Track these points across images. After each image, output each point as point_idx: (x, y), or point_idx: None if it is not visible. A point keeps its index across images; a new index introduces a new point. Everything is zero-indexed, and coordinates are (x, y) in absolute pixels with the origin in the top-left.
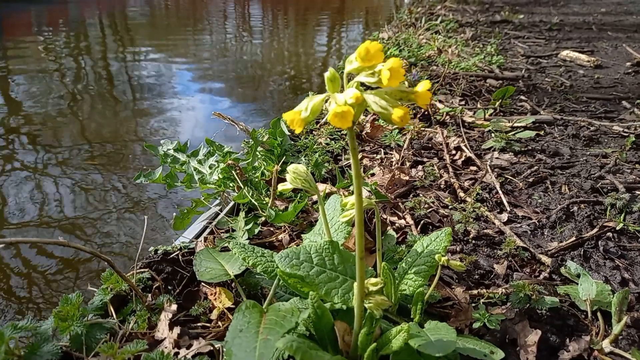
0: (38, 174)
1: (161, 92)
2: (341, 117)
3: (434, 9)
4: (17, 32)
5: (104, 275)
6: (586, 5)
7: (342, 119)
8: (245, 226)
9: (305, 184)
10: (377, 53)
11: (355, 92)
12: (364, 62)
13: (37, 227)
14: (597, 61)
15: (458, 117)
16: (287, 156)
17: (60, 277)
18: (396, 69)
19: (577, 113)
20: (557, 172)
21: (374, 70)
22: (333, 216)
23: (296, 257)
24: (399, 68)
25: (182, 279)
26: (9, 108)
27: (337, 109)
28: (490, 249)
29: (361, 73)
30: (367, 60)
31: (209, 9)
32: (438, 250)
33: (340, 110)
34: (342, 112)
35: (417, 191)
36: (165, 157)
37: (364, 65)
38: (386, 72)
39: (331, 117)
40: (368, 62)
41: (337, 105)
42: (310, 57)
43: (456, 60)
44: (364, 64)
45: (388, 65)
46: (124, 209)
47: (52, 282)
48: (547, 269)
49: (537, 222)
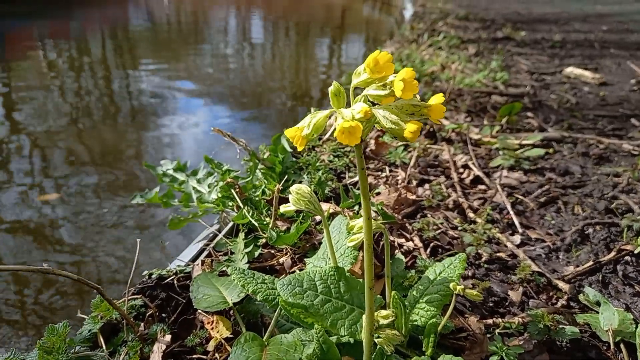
0: (34, 190)
1: (162, 108)
2: (349, 133)
3: (435, 25)
4: (19, 46)
5: (93, 302)
6: (587, 24)
7: (349, 135)
8: (245, 248)
9: (309, 206)
10: (388, 64)
11: (364, 106)
12: (374, 74)
13: (36, 249)
14: (602, 78)
15: (464, 134)
16: (288, 174)
17: (58, 300)
18: (409, 80)
19: (585, 130)
20: (568, 191)
21: (385, 82)
22: (338, 239)
23: (299, 284)
24: (412, 79)
25: (177, 305)
26: (9, 123)
27: (345, 124)
28: (504, 274)
29: (370, 86)
30: (376, 71)
31: (210, 24)
32: (452, 278)
33: (347, 126)
34: (350, 128)
35: (424, 211)
36: (164, 176)
37: (374, 77)
38: (399, 83)
39: (338, 133)
40: (378, 73)
41: (344, 120)
42: (310, 72)
43: (460, 76)
44: (374, 75)
45: (401, 76)
46: (123, 229)
47: (45, 307)
48: (564, 296)
49: (552, 244)
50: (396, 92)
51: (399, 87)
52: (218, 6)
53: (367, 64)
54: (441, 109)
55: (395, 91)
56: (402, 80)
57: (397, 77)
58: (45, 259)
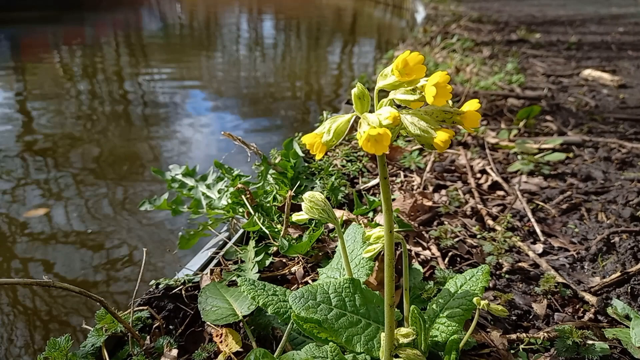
0: (52, 198)
1: (175, 112)
2: (375, 141)
3: (448, 27)
4: (34, 52)
5: (98, 314)
6: (603, 25)
7: (376, 143)
8: (256, 257)
9: (322, 215)
10: (418, 66)
11: (392, 110)
12: (403, 77)
13: (44, 243)
14: (621, 80)
15: (480, 138)
16: (300, 179)
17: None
18: (443, 84)
19: (606, 134)
20: (591, 197)
21: (415, 86)
22: (353, 249)
23: (312, 297)
24: (445, 83)
25: (185, 317)
26: (24, 128)
27: (372, 131)
28: (526, 285)
29: (398, 89)
30: (405, 74)
31: (222, 29)
32: (474, 291)
33: (375, 133)
34: (377, 136)
35: (441, 218)
36: (173, 182)
37: (402, 80)
38: (432, 88)
39: (364, 141)
40: (407, 76)
41: (371, 127)
42: (323, 76)
43: (475, 79)
44: (403, 78)
45: (433, 80)
46: (135, 236)
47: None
48: (591, 309)
49: (576, 254)
50: (427, 98)
51: (431, 93)
52: (229, 11)
53: (396, 66)
54: (476, 117)
55: (427, 97)
56: (434, 85)
57: (429, 82)
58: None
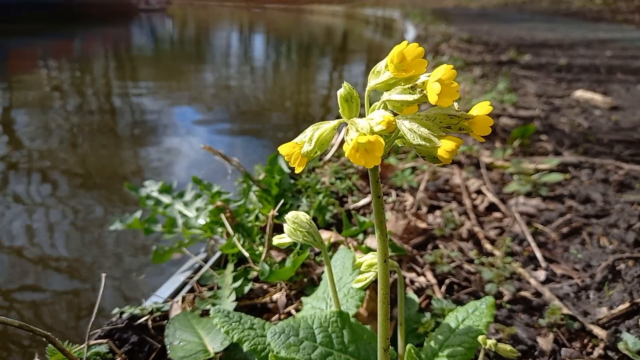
0: (33, 208)
1: (161, 128)
2: (365, 150)
3: (439, 47)
4: (22, 65)
5: (49, 348)
6: (592, 49)
7: (366, 153)
8: (233, 283)
9: (307, 238)
10: (418, 60)
11: (386, 114)
12: (399, 73)
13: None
14: (612, 102)
15: (475, 157)
16: (286, 197)
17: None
18: (448, 81)
19: (602, 155)
20: (592, 221)
21: (415, 83)
22: (342, 276)
23: (294, 333)
24: (451, 80)
25: (150, 351)
26: (10, 142)
27: (361, 139)
28: (529, 316)
29: (393, 88)
30: (402, 69)
31: (212, 44)
32: (478, 327)
33: (365, 141)
34: (368, 144)
35: (436, 241)
36: (147, 199)
37: (399, 76)
38: (435, 84)
39: (351, 150)
40: (405, 72)
41: (360, 134)
42: (312, 93)
43: (467, 98)
44: (399, 74)
45: (437, 75)
46: (111, 255)
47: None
48: (601, 344)
49: (580, 282)
50: (430, 97)
51: (435, 91)
52: (220, 28)
53: (391, 59)
54: (487, 122)
55: (429, 96)
56: (438, 81)
57: (431, 77)
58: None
